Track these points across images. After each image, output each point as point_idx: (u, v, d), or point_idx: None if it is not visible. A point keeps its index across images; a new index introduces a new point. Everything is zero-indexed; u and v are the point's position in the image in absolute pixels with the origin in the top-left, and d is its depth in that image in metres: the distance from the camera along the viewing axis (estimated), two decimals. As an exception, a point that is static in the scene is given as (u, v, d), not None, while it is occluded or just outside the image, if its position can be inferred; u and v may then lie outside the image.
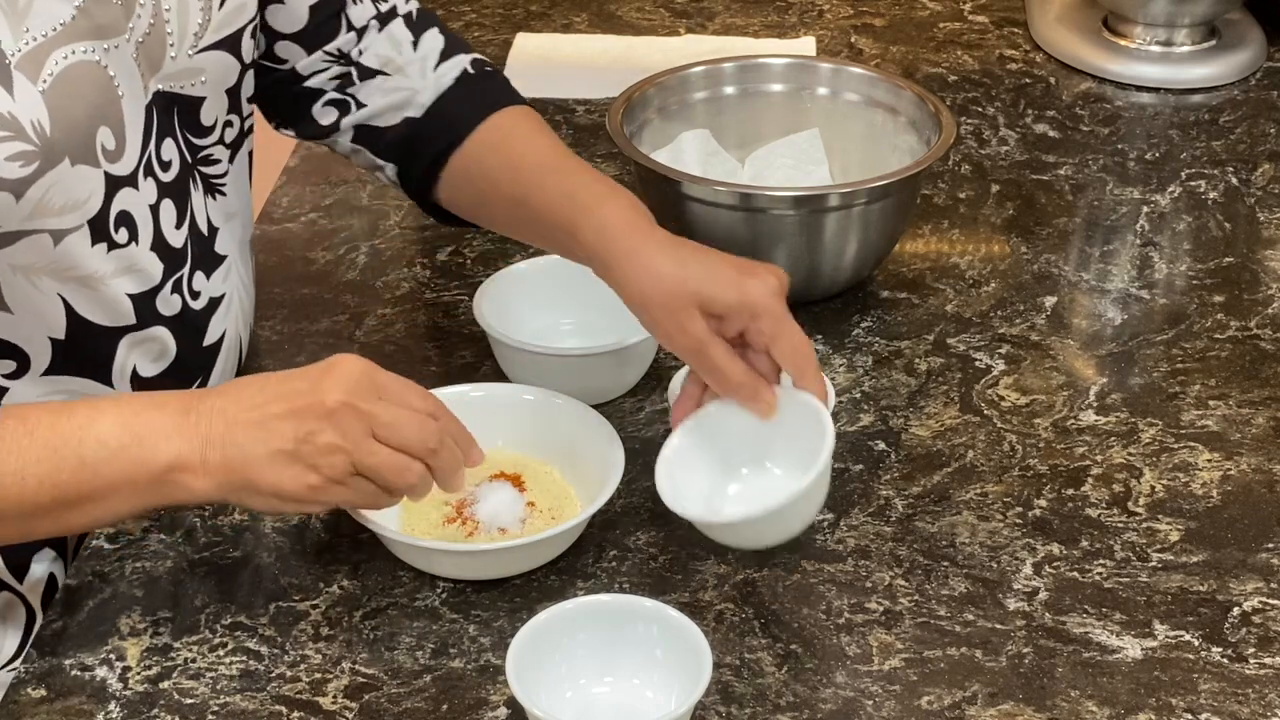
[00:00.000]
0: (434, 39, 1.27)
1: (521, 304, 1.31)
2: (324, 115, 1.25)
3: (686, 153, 1.44)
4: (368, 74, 1.25)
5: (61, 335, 1.10)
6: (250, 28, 1.18)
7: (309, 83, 1.25)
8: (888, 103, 1.47)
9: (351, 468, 1.01)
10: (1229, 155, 1.65)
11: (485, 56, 1.29)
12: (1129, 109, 1.75)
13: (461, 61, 1.27)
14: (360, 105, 1.25)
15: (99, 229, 1.08)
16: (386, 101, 1.25)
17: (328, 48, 1.24)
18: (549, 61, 1.82)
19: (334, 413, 1.01)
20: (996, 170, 1.62)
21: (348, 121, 1.25)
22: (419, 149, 1.25)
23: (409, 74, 1.25)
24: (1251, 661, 1.05)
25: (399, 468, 1.02)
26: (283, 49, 1.23)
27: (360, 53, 1.24)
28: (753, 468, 1.12)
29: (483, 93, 1.26)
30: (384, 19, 1.26)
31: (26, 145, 1.01)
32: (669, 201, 1.36)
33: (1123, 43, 1.81)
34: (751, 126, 1.50)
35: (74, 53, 1.04)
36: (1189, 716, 1.02)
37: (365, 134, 1.26)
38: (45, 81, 1.02)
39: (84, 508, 1.01)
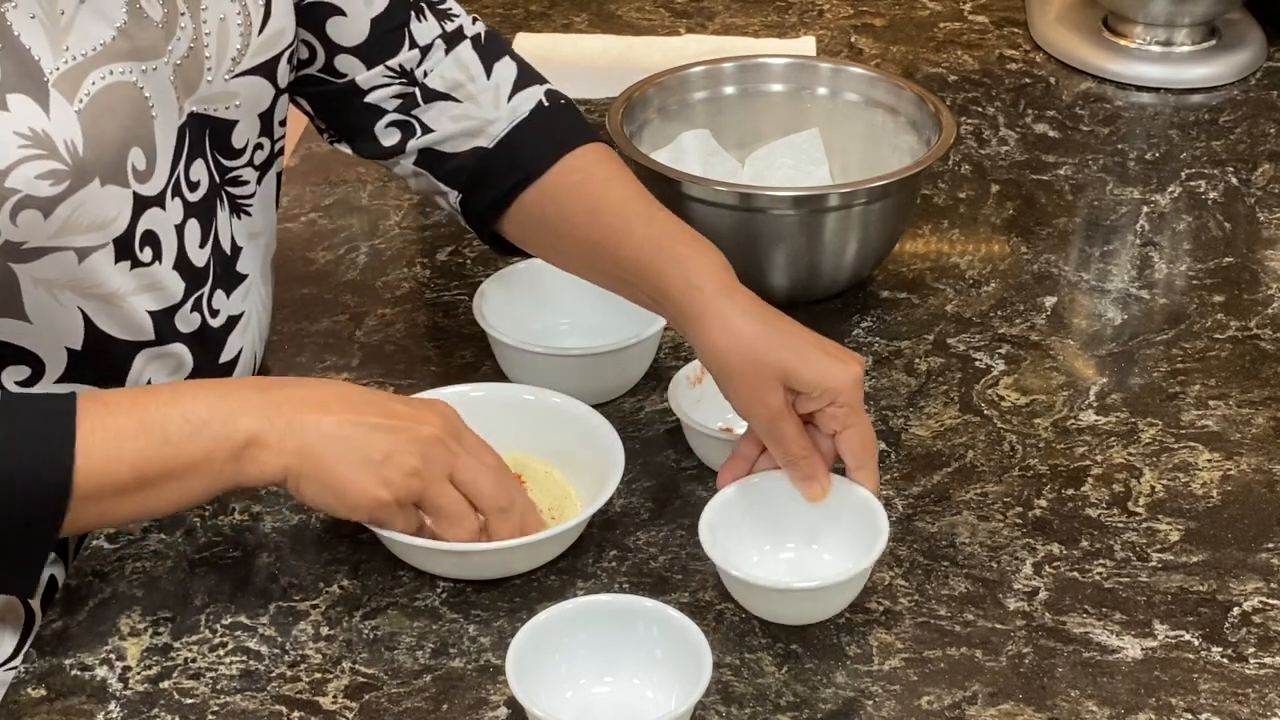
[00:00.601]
0: (507, 68, 1.25)
1: (521, 304, 1.31)
2: (387, 136, 1.24)
3: (686, 153, 1.44)
4: (433, 97, 1.23)
5: (79, 346, 1.10)
6: (288, 53, 1.18)
7: (369, 98, 1.23)
8: (888, 103, 1.47)
9: (419, 498, 1.04)
10: (1229, 155, 1.65)
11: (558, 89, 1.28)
12: (1129, 109, 1.75)
13: (536, 93, 1.25)
14: (426, 129, 1.23)
15: (123, 247, 1.08)
16: (456, 128, 1.23)
17: (389, 63, 1.22)
18: (549, 61, 1.82)
19: (428, 442, 1.04)
20: (996, 170, 1.62)
21: (413, 144, 1.24)
22: (487, 181, 1.23)
23: (480, 103, 1.23)
24: (1251, 661, 1.05)
25: (460, 515, 1.05)
26: (342, 62, 1.22)
27: (425, 74, 1.23)
28: (800, 546, 1.12)
29: (559, 129, 1.24)
30: (450, 40, 1.24)
31: (58, 164, 1.01)
32: (669, 201, 1.36)
33: (1123, 43, 1.81)
34: (751, 126, 1.50)
35: (111, 73, 1.04)
36: (1189, 716, 1.02)
37: (430, 158, 1.24)
38: (81, 101, 1.02)
39: (163, 487, 1.01)
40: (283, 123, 1.22)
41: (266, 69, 1.16)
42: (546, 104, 1.25)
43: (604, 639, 1.02)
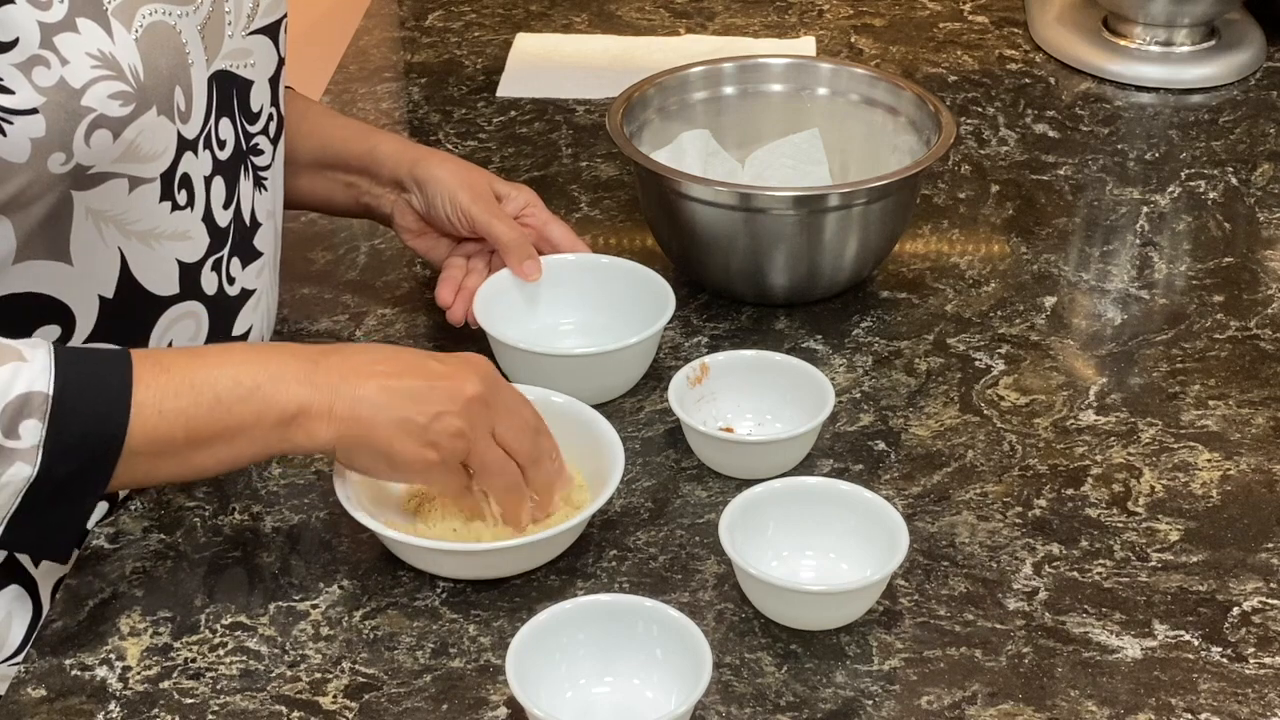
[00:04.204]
0: None
1: (521, 304, 1.31)
2: None
3: (686, 153, 1.44)
4: None
5: (110, 294, 1.11)
6: (284, 23, 1.23)
7: None
8: (888, 103, 1.47)
9: (464, 457, 1.06)
10: (1229, 155, 1.65)
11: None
12: (1129, 109, 1.75)
13: None
14: None
15: (166, 185, 1.11)
16: None
17: None
18: (549, 61, 1.82)
19: (470, 401, 1.06)
20: (996, 170, 1.62)
21: None
22: None
23: None
24: (1251, 661, 1.06)
25: (503, 469, 1.08)
26: None
27: None
28: (818, 554, 1.11)
29: None
30: None
31: (125, 86, 1.04)
32: (669, 201, 1.36)
33: (1123, 43, 1.81)
34: (751, 126, 1.50)
35: (155, 12, 1.08)
36: (1189, 716, 1.02)
37: None
38: (137, 31, 1.06)
39: (212, 448, 1.02)
40: (283, 98, 1.26)
41: (271, 31, 1.21)
42: None
43: (604, 639, 1.02)
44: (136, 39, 1.05)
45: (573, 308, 1.33)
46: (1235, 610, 1.09)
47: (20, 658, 1.15)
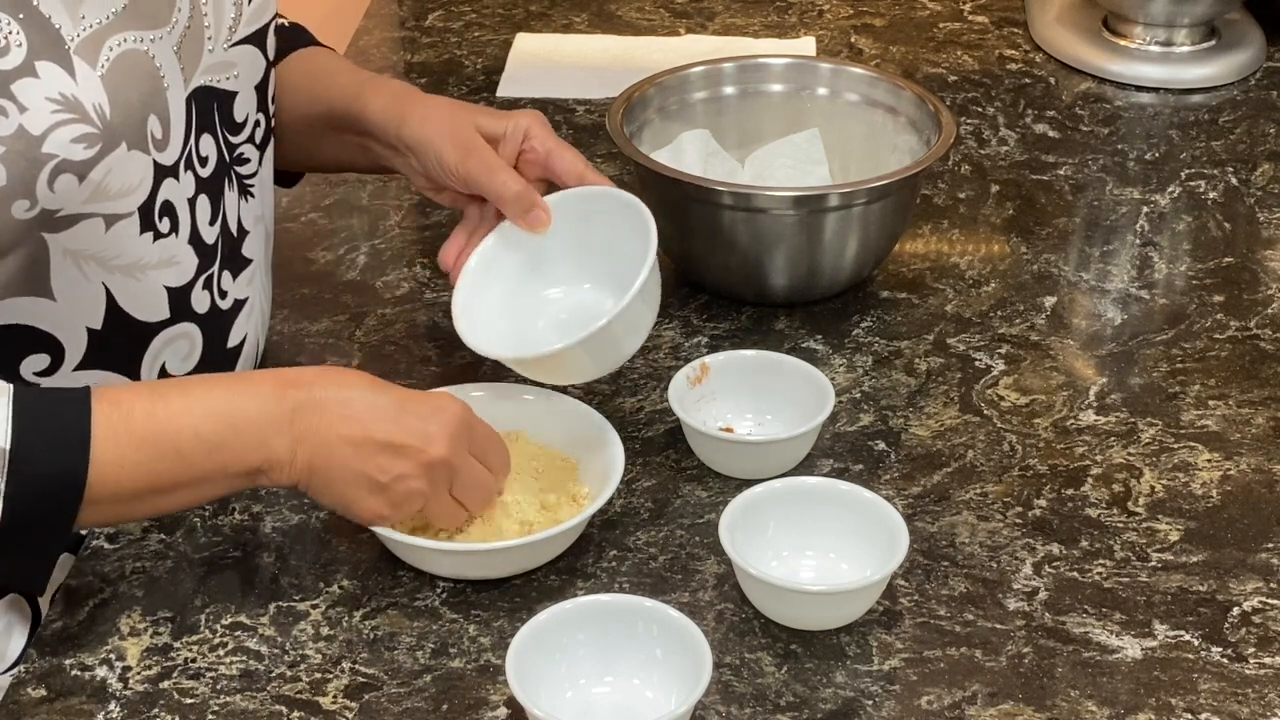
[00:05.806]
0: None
1: (501, 283, 1.23)
2: None
3: (686, 153, 1.44)
4: None
5: (99, 325, 1.11)
6: (273, 25, 1.21)
7: None
8: (888, 103, 1.47)
9: (419, 510, 1.08)
10: (1229, 155, 1.65)
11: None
12: (1129, 109, 1.75)
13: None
14: None
15: (145, 216, 1.10)
16: None
17: None
18: (549, 61, 1.82)
19: (434, 464, 1.06)
20: (996, 170, 1.62)
21: None
22: None
23: None
24: (1251, 661, 1.05)
25: (452, 520, 1.10)
26: None
27: None
28: (818, 554, 1.11)
29: (288, 37, 1.32)
30: None
31: (89, 127, 1.03)
32: (669, 201, 1.36)
33: (1122, 43, 1.81)
34: (751, 126, 1.50)
35: (125, 41, 1.06)
36: (1189, 716, 1.02)
37: None
38: (103, 67, 1.04)
39: (175, 494, 1.03)
40: (273, 99, 1.25)
41: (258, 39, 1.19)
42: (285, 23, 1.33)
43: (604, 639, 1.02)
44: (103, 75, 1.03)
45: (556, 265, 1.24)
46: (1235, 610, 1.09)
47: (19, 668, 1.14)
